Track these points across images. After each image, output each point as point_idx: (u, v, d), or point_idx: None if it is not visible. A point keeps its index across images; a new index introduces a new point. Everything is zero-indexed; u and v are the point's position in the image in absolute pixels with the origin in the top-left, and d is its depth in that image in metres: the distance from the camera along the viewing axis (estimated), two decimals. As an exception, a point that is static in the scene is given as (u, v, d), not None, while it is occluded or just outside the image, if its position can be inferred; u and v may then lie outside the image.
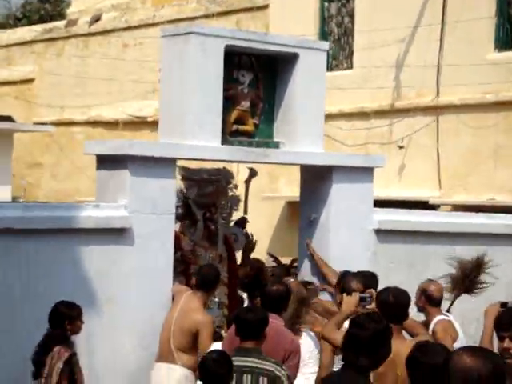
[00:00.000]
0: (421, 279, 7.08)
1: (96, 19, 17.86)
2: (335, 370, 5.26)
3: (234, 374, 5.07)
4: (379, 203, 8.36)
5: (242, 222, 8.28)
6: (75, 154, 17.06)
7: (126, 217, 6.75)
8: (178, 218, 7.66)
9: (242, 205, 8.22)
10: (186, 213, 7.74)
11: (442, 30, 12.74)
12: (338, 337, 5.16)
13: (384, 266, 7.83)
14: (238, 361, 5.11)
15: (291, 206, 13.99)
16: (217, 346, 6.07)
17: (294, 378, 5.57)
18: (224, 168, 8.01)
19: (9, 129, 16.26)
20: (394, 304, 5.15)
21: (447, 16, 12.74)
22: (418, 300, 6.48)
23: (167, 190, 6.93)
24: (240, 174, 13.94)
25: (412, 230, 8.16)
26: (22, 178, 17.45)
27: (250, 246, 8.37)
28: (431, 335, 5.89)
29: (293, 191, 13.06)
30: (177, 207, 7.65)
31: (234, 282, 7.88)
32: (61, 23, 19.08)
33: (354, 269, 7.22)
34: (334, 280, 7.11)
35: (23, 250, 6.32)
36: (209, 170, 7.91)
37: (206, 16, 15.66)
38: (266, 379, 5.06)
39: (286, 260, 9.61)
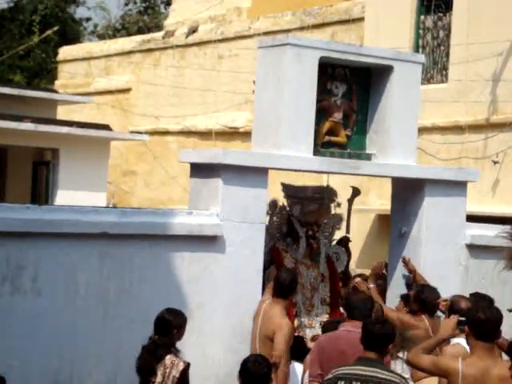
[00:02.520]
0: (514, 296, 6.96)
1: (193, 31, 18.16)
2: None
3: (358, 383, 5.10)
4: (472, 219, 8.24)
5: (345, 241, 8.15)
6: (168, 163, 17.38)
7: (218, 224, 6.85)
8: (281, 235, 7.69)
9: (344, 223, 8.11)
10: (288, 230, 7.74)
11: (540, 43, 12.49)
12: (423, 362, 5.08)
13: (476, 281, 7.72)
14: (361, 370, 5.15)
15: (381, 218, 13.90)
16: None
17: None
18: (328, 186, 7.96)
19: (106, 137, 16.66)
20: (485, 321, 5.03)
21: (547, 29, 12.49)
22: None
23: (259, 199, 7.01)
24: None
25: (505, 245, 8.00)
26: (112, 183, 17.83)
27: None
28: None
29: (383, 204, 12.98)
30: (280, 225, 7.71)
31: (336, 301, 7.78)
32: (158, 34, 19.47)
33: (446, 284, 7.15)
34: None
35: (118, 255, 6.48)
36: (313, 188, 7.87)
37: (301, 28, 15.74)
38: None
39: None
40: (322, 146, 7.40)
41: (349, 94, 7.54)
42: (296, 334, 7.08)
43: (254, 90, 7.68)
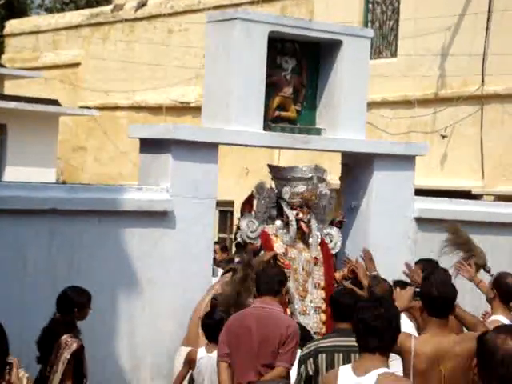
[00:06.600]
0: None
1: (142, 4, 17.97)
2: None
3: (341, 354, 5.04)
4: (421, 192, 8.34)
5: (338, 222, 7.71)
6: (119, 139, 17.24)
7: (168, 200, 6.83)
8: (271, 219, 7.28)
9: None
10: (278, 214, 7.30)
11: (488, 18, 12.62)
12: None
13: (424, 254, 7.79)
14: (340, 341, 5.05)
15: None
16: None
17: (292, 364, 5.46)
18: (316, 165, 7.54)
19: (54, 112, 16.46)
20: (437, 297, 4.87)
21: (494, 4, 12.62)
22: (488, 291, 6.27)
23: (209, 174, 7.00)
24: (280, 161, 13.94)
25: (453, 219, 8.11)
26: (61, 158, 17.56)
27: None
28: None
29: (334, 179, 13.05)
30: (269, 208, 7.27)
31: (331, 285, 7.27)
32: (107, 8, 19.23)
33: (394, 257, 7.23)
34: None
35: (67, 231, 6.43)
36: (300, 168, 7.42)
37: (251, 2, 15.68)
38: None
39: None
40: (272, 121, 7.39)
41: (298, 68, 7.55)
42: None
43: (204, 64, 7.64)
